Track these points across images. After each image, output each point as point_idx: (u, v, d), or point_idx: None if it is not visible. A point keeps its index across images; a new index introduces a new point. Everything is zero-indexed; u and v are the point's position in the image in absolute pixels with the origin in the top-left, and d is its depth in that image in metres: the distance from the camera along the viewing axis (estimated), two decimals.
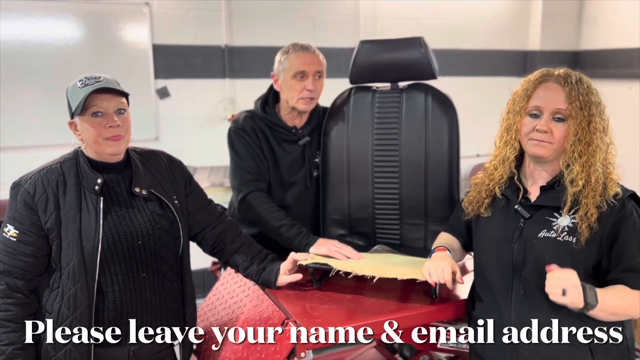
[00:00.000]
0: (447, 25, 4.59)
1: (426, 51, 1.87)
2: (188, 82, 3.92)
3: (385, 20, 4.43)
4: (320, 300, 1.63)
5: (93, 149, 1.50)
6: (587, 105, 1.34)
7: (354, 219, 1.95)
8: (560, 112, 1.35)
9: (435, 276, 1.48)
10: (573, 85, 1.34)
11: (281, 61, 1.91)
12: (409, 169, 1.87)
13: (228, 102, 4.02)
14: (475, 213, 1.54)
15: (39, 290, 1.52)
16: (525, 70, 5.17)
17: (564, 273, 1.26)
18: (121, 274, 1.51)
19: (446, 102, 1.87)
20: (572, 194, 1.35)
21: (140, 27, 3.74)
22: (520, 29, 5.04)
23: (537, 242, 1.38)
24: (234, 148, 1.95)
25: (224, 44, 3.98)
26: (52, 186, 1.48)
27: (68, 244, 1.46)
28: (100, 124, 1.46)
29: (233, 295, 1.84)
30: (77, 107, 1.44)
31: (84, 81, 1.47)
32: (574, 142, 1.34)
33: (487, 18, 4.86)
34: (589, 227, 1.31)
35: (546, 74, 1.41)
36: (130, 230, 1.52)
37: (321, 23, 4.20)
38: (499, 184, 1.49)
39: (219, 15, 3.94)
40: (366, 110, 1.93)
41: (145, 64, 3.77)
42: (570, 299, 1.24)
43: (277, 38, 4.11)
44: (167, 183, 1.64)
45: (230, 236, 1.75)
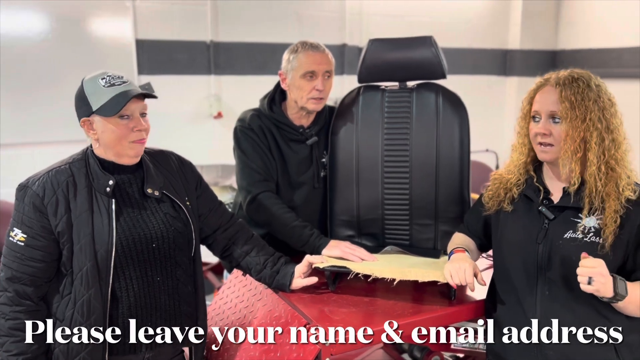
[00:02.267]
0: (431, 23, 4.62)
1: (436, 50, 1.86)
2: (172, 79, 3.84)
3: (371, 17, 4.42)
4: (338, 303, 1.60)
5: (114, 151, 1.44)
6: (581, 104, 1.34)
7: (363, 220, 1.93)
8: (554, 113, 1.37)
9: (457, 278, 1.47)
10: (565, 86, 1.36)
11: (289, 60, 1.87)
12: (420, 169, 1.86)
13: (214, 98, 3.95)
14: (496, 208, 1.54)
15: (48, 297, 1.45)
16: (505, 69, 5.25)
17: (592, 262, 1.27)
18: (135, 279, 1.46)
19: (457, 102, 1.87)
20: (588, 195, 1.37)
21: (123, 22, 3.63)
22: (500, 28, 5.12)
23: (563, 242, 1.39)
24: (240, 147, 1.90)
25: (209, 39, 3.91)
26: (62, 188, 1.42)
27: (80, 248, 1.40)
28: (127, 127, 1.42)
29: (243, 299, 1.80)
30: (105, 108, 1.39)
31: (108, 80, 1.42)
32: (566, 140, 1.36)
33: (469, 17, 4.92)
34: (613, 233, 1.33)
35: (547, 78, 1.44)
36: (145, 232, 1.47)
37: (307, 20, 4.17)
38: (517, 186, 1.50)
39: (204, 10, 3.87)
40: (376, 110, 1.91)
41: (129, 59, 3.67)
42: (596, 287, 1.25)
43: (263, 34, 4.07)
44: (178, 184, 1.59)
45: (242, 239, 1.71)
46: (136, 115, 1.44)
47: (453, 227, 1.84)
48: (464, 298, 1.63)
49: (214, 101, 3.95)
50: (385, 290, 1.66)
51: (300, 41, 1.89)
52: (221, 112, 3.96)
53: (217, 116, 3.96)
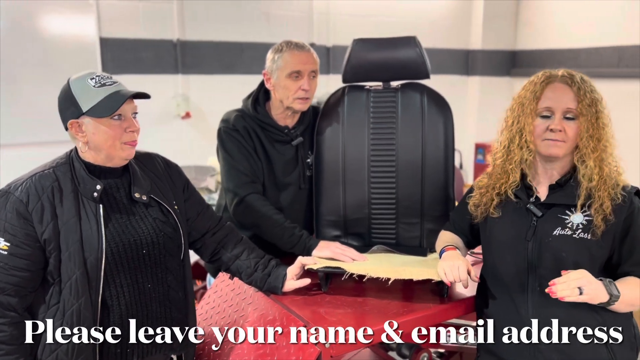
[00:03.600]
0: (396, 24, 4.68)
1: (420, 50, 1.88)
2: (138, 78, 3.74)
3: (338, 17, 4.44)
4: (332, 304, 1.60)
5: (105, 153, 1.39)
6: (594, 103, 1.39)
7: (350, 220, 1.93)
8: (571, 111, 1.40)
9: (451, 275, 1.49)
10: (580, 84, 1.40)
11: (274, 59, 1.85)
12: (406, 169, 1.87)
13: (181, 98, 3.87)
14: (483, 215, 1.56)
15: (33, 307, 1.38)
16: (468, 69, 5.37)
17: (575, 274, 1.29)
18: (126, 286, 1.41)
19: (441, 102, 1.89)
20: (586, 189, 1.39)
21: (86, 19, 3.51)
22: (463, 29, 5.23)
23: (552, 239, 1.42)
24: (226, 149, 1.86)
25: (176, 38, 3.83)
26: (47, 193, 1.35)
27: (69, 256, 1.34)
28: (120, 127, 1.37)
29: (232, 303, 1.77)
30: (96, 108, 1.34)
31: (98, 80, 1.37)
32: (586, 138, 1.39)
33: (433, 18, 5.01)
34: (604, 219, 1.36)
35: (550, 75, 1.45)
36: (134, 238, 1.42)
37: (275, 19, 4.14)
38: (512, 187, 1.50)
39: (171, 8, 3.79)
40: (361, 110, 1.91)
41: (92, 58, 3.56)
42: (589, 296, 1.28)
43: (231, 33, 4.02)
44: (165, 188, 1.55)
45: (232, 242, 1.68)
46: (129, 115, 1.40)
47: (438, 225, 1.86)
48: (455, 295, 1.65)
49: (181, 101, 3.87)
50: (377, 290, 1.67)
51: (284, 40, 1.87)
52: (189, 112, 3.89)
53: (185, 116, 3.88)
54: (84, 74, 1.40)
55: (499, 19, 5.26)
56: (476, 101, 5.32)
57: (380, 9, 4.62)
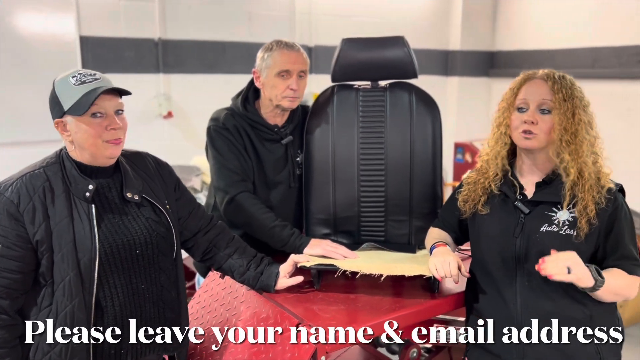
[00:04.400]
0: (377, 24, 4.72)
1: (409, 50, 1.91)
2: (119, 77, 3.67)
3: (320, 17, 4.46)
4: (325, 301, 1.61)
5: (89, 152, 1.37)
6: (571, 98, 1.43)
7: (340, 218, 1.95)
8: (545, 103, 1.44)
9: (443, 271, 1.51)
10: (556, 80, 1.44)
11: (264, 58, 1.85)
12: (395, 167, 1.90)
13: (163, 97, 3.84)
14: (472, 211, 1.59)
15: (24, 310, 1.36)
16: (447, 69, 5.44)
17: (565, 254, 1.32)
18: (120, 287, 1.40)
19: (429, 101, 1.92)
20: (570, 187, 1.43)
21: (66, 18, 3.46)
22: (442, 30, 5.30)
23: (540, 236, 1.45)
24: (216, 148, 1.86)
25: (158, 37, 3.80)
26: (38, 194, 1.33)
27: (62, 257, 1.32)
28: (100, 125, 1.34)
29: (224, 302, 1.77)
30: (75, 107, 1.31)
31: (79, 77, 1.34)
32: (560, 131, 1.42)
33: (413, 19, 5.06)
34: (588, 222, 1.40)
35: (531, 73, 1.50)
36: (128, 238, 1.41)
37: (257, 18, 4.14)
38: (495, 181, 1.55)
39: (152, 6, 3.76)
40: (351, 109, 1.93)
41: (72, 57, 3.51)
42: (576, 276, 1.31)
43: (213, 32, 4.00)
44: (157, 187, 1.54)
45: (224, 241, 1.68)
46: (110, 112, 1.36)
47: (426, 222, 1.89)
48: (445, 290, 1.68)
49: (163, 100, 3.84)
50: (368, 287, 1.69)
51: (275, 39, 1.88)
52: (171, 111, 3.86)
53: (167, 116, 3.85)
54: (69, 72, 1.37)
55: (477, 20, 5.34)
56: (455, 101, 5.40)
57: (362, 9, 4.65)
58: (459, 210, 1.63)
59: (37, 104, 3.31)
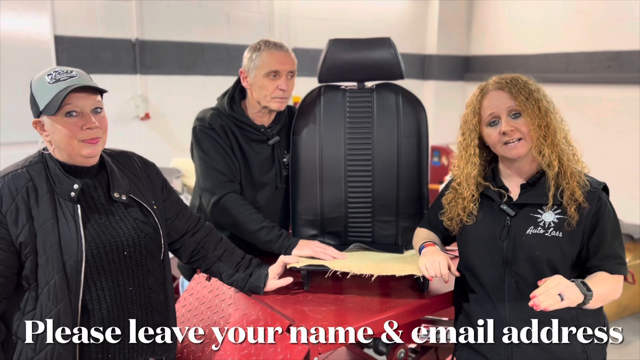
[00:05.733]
0: (355, 28, 4.74)
1: (395, 52, 1.92)
2: (95, 78, 3.56)
3: (298, 20, 4.45)
4: (315, 302, 1.60)
5: (65, 152, 1.33)
6: (530, 95, 1.45)
7: (327, 219, 1.94)
8: (513, 109, 1.46)
9: (433, 270, 1.52)
10: (511, 86, 1.47)
11: (252, 58, 1.83)
12: (383, 167, 1.90)
13: (140, 99, 3.78)
14: (459, 226, 1.60)
15: (6, 315, 1.32)
16: (424, 73, 5.49)
17: (552, 281, 1.31)
18: (107, 290, 1.36)
19: (416, 101, 1.93)
20: (554, 177, 1.44)
21: (40, 17, 3.38)
22: (419, 34, 5.35)
23: (526, 238, 1.46)
24: (202, 148, 1.83)
25: (135, 37, 3.74)
26: (21, 194, 1.29)
27: (47, 259, 1.28)
28: (75, 125, 1.30)
29: (211, 304, 1.74)
30: (48, 106, 1.28)
31: (54, 75, 1.30)
32: (535, 129, 1.44)
33: (391, 23, 5.10)
34: (577, 209, 1.42)
35: (483, 87, 1.52)
36: (115, 240, 1.37)
37: (235, 20, 4.11)
38: (472, 202, 1.55)
39: (129, 6, 3.70)
40: (338, 109, 1.92)
41: (47, 57, 3.42)
42: (569, 300, 1.30)
43: (191, 33, 3.96)
44: (144, 187, 1.51)
45: (212, 243, 1.65)
46: (86, 111, 1.32)
47: (413, 222, 1.90)
48: (434, 290, 1.69)
49: (140, 102, 3.78)
50: (357, 288, 1.68)
51: (262, 39, 1.86)
52: (149, 113, 3.80)
53: (144, 117, 3.79)
54: (46, 71, 1.33)
55: (453, 25, 5.42)
56: (431, 104, 5.45)
57: (340, 13, 4.67)
58: (448, 230, 1.63)
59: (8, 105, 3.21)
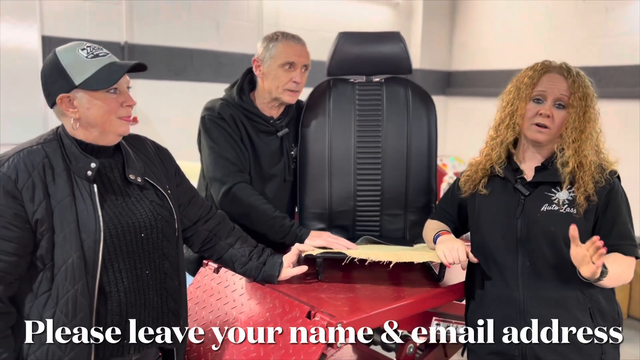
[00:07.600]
0: None
1: (405, 46, 1.94)
2: None
3: (286, 29, 4.45)
4: (332, 290, 1.57)
5: (99, 129, 1.30)
6: (585, 97, 1.48)
7: (335, 212, 1.92)
8: (562, 100, 1.48)
9: (451, 257, 1.51)
10: (575, 77, 1.49)
11: (268, 47, 1.82)
12: (392, 160, 1.90)
13: None
14: (472, 191, 1.61)
15: (17, 297, 1.25)
16: None
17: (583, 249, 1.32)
18: (125, 272, 1.31)
19: (425, 96, 1.95)
20: (570, 172, 1.47)
21: (28, 19, 3.31)
22: None
23: (541, 216, 1.48)
24: (211, 137, 1.80)
25: (124, 40, 3.69)
26: (37, 170, 1.24)
27: (64, 237, 1.23)
28: (116, 101, 1.29)
29: (220, 296, 1.69)
30: (90, 81, 1.24)
31: (90, 50, 1.28)
32: (570, 129, 1.47)
33: None
34: (587, 198, 1.45)
35: (549, 65, 1.53)
36: (132, 221, 1.33)
37: (225, 27, 4.11)
38: (499, 164, 1.57)
39: (119, 9, 3.65)
40: (347, 102, 1.92)
41: (34, 58, 3.34)
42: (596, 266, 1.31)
43: (181, 39, 3.94)
44: (158, 171, 1.47)
45: (225, 231, 1.62)
46: (124, 89, 1.33)
47: (421, 216, 1.90)
48: (448, 280, 1.68)
49: None
50: (370, 278, 1.67)
51: (279, 31, 1.86)
52: (136, 117, 3.73)
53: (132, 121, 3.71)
54: (72, 45, 1.31)
55: (435, 41, 5.53)
56: None
57: (326, 25, 4.71)
58: (460, 191, 1.64)
59: None
